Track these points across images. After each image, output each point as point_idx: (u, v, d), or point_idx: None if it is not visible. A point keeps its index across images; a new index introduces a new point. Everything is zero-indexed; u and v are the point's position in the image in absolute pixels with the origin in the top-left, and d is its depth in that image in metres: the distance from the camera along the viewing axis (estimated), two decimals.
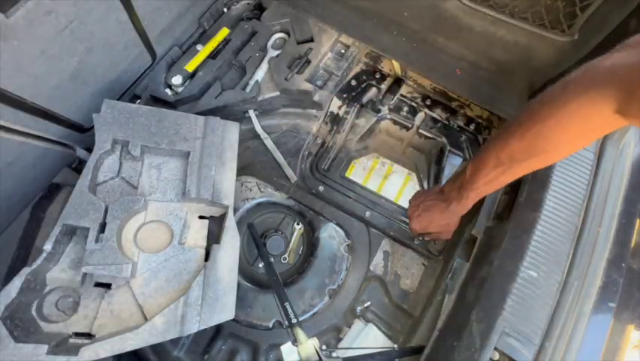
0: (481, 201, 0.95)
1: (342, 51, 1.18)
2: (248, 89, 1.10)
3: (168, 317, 0.74)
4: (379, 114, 1.20)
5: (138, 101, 1.09)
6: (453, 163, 1.14)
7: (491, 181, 0.69)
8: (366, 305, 1.00)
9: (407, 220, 1.07)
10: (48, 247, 0.75)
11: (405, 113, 1.20)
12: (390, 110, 1.20)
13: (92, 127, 0.88)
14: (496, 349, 0.69)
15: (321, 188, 1.10)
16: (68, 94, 0.88)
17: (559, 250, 0.74)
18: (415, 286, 1.02)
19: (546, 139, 0.55)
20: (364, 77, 1.22)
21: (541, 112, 0.54)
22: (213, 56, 1.13)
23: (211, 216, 0.90)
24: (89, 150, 0.86)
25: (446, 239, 0.89)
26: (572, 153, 0.75)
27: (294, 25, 1.16)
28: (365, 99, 1.20)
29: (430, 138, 1.18)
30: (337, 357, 0.87)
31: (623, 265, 0.75)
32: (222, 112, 1.09)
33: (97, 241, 0.77)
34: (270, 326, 0.97)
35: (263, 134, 1.13)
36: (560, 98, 0.52)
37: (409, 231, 0.91)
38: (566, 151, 0.61)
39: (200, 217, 0.89)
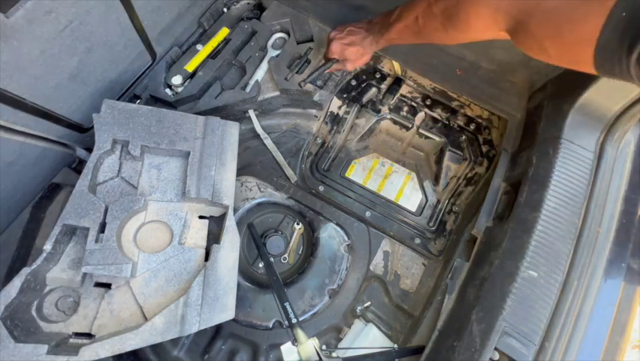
0: (481, 201, 0.95)
1: None
2: (248, 89, 1.10)
3: (168, 317, 0.74)
4: (379, 114, 1.20)
5: (138, 101, 1.09)
6: (453, 163, 1.14)
7: (402, 35, 0.81)
8: (366, 305, 1.00)
9: (407, 220, 1.08)
10: (48, 247, 0.75)
11: (405, 113, 1.20)
12: (390, 110, 1.20)
13: (92, 127, 0.88)
14: (496, 349, 0.69)
15: (321, 188, 1.10)
16: (68, 94, 0.88)
17: (559, 250, 0.74)
18: (415, 286, 1.02)
19: (454, 22, 0.66)
20: (364, 77, 1.22)
21: None
22: (213, 55, 1.13)
23: (211, 216, 0.90)
24: (89, 150, 0.86)
25: (349, 69, 0.99)
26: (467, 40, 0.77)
27: (294, 25, 1.16)
28: (365, 99, 1.20)
29: (430, 138, 1.18)
30: (337, 357, 0.87)
31: (623, 265, 0.75)
32: (222, 112, 1.09)
33: (97, 241, 0.77)
34: (270, 326, 0.97)
35: (263, 134, 1.13)
36: None
37: (325, 54, 0.98)
38: (464, 38, 0.69)
39: (200, 217, 0.89)
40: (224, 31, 1.17)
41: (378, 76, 1.22)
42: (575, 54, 0.51)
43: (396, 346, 0.93)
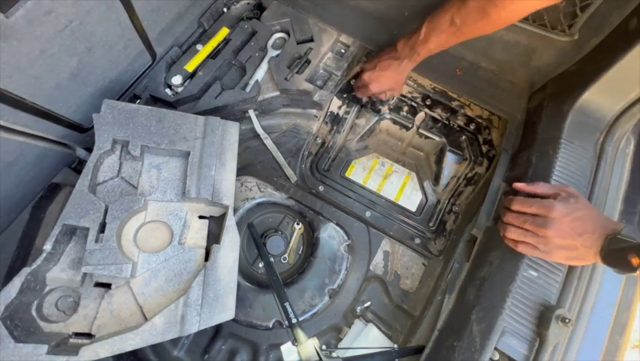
0: (481, 201, 0.95)
1: (342, 51, 1.18)
2: (248, 89, 1.10)
3: (168, 317, 0.74)
4: (379, 114, 1.20)
5: (138, 101, 1.09)
6: (453, 163, 1.14)
7: (442, 43, 0.80)
8: (366, 305, 1.00)
9: (407, 220, 1.08)
10: (48, 247, 0.75)
11: (405, 113, 1.20)
12: (390, 110, 1.20)
13: (92, 127, 0.88)
14: (496, 349, 0.69)
15: (321, 188, 1.10)
16: (68, 94, 0.88)
17: None
18: (415, 286, 1.02)
19: (499, 5, 0.66)
20: None
21: None
22: (213, 55, 1.13)
23: (211, 216, 0.90)
24: (89, 150, 0.86)
25: (397, 95, 0.98)
26: (511, 23, 0.81)
27: (294, 25, 1.16)
28: (365, 99, 1.20)
29: (430, 137, 1.18)
30: (337, 357, 0.87)
31: None
32: (222, 112, 1.09)
33: (97, 241, 0.77)
34: (270, 326, 0.97)
35: (263, 134, 1.13)
36: None
37: (360, 93, 1.00)
38: (509, 19, 0.72)
39: (200, 217, 0.89)
40: (224, 31, 1.17)
41: None
42: None
43: (396, 346, 0.93)
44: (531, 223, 0.65)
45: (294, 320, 0.87)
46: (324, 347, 0.94)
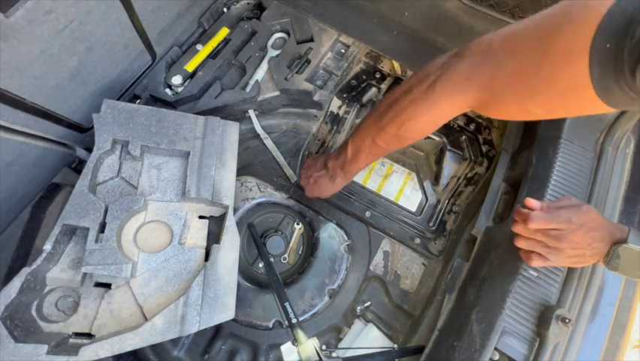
0: (481, 201, 0.95)
1: (342, 51, 1.18)
2: (248, 88, 1.10)
3: (168, 317, 0.74)
4: None
5: (138, 101, 1.09)
6: (453, 163, 1.14)
7: (370, 160, 0.82)
8: (366, 305, 1.00)
9: (407, 220, 1.08)
10: (48, 247, 0.75)
11: None
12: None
13: (92, 127, 0.88)
14: (496, 349, 0.69)
15: None
16: (68, 94, 0.88)
17: None
18: (415, 286, 1.02)
19: (419, 131, 0.67)
20: (364, 77, 1.22)
21: (415, 110, 0.63)
22: (213, 55, 1.13)
23: (211, 216, 0.90)
24: (89, 150, 0.86)
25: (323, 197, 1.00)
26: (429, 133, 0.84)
27: (294, 25, 1.16)
28: (365, 99, 1.20)
29: (429, 137, 1.18)
30: (337, 357, 0.87)
31: None
32: (222, 112, 1.09)
33: (97, 241, 0.77)
34: (270, 326, 0.97)
35: (263, 134, 1.13)
36: (430, 98, 0.60)
37: (302, 192, 1.02)
38: (430, 133, 0.76)
39: (200, 217, 0.89)
40: (224, 31, 1.17)
41: (378, 76, 1.22)
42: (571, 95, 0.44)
43: (396, 346, 0.93)
44: (543, 235, 0.64)
45: (294, 320, 0.87)
46: (324, 347, 0.94)
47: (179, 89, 1.09)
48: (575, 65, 0.40)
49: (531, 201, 0.64)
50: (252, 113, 1.13)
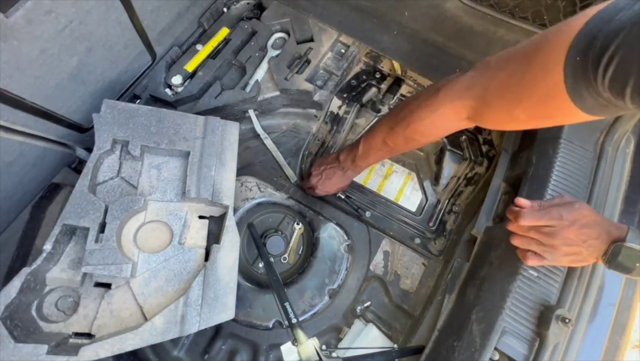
0: (481, 201, 0.95)
1: (342, 51, 1.18)
2: (248, 88, 1.10)
3: (168, 317, 0.74)
4: (379, 114, 1.20)
5: (138, 101, 1.09)
6: (453, 163, 1.14)
7: (379, 157, 0.90)
8: (366, 305, 1.00)
9: (407, 220, 1.08)
10: (48, 247, 0.75)
11: None
12: (390, 109, 1.20)
13: (92, 127, 0.88)
14: (496, 349, 0.69)
15: None
16: (68, 94, 0.88)
17: None
18: (415, 286, 1.02)
19: (422, 134, 0.74)
20: (364, 77, 1.22)
21: (420, 113, 0.71)
22: (213, 55, 1.13)
23: (211, 216, 0.90)
24: (89, 150, 0.86)
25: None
26: (437, 139, 1.06)
27: (294, 25, 1.16)
28: (365, 99, 1.20)
29: None
30: (337, 357, 0.87)
31: None
32: (222, 112, 1.09)
33: (97, 241, 0.77)
34: (270, 326, 0.97)
35: (263, 134, 1.13)
36: (434, 104, 0.68)
37: (310, 194, 1.08)
38: (434, 139, 0.82)
39: (200, 217, 0.89)
40: (224, 31, 1.17)
41: (378, 76, 1.22)
42: (549, 103, 0.51)
43: (396, 346, 0.93)
44: (536, 232, 0.65)
45: (294, 320, 0.87)
46: (324, 347, 0.94)
47: (179, 89, 1.09)
48: (552, 75, 0.47)
49: (521, 201, 0.67)
50: (252, 113, 1.13)
